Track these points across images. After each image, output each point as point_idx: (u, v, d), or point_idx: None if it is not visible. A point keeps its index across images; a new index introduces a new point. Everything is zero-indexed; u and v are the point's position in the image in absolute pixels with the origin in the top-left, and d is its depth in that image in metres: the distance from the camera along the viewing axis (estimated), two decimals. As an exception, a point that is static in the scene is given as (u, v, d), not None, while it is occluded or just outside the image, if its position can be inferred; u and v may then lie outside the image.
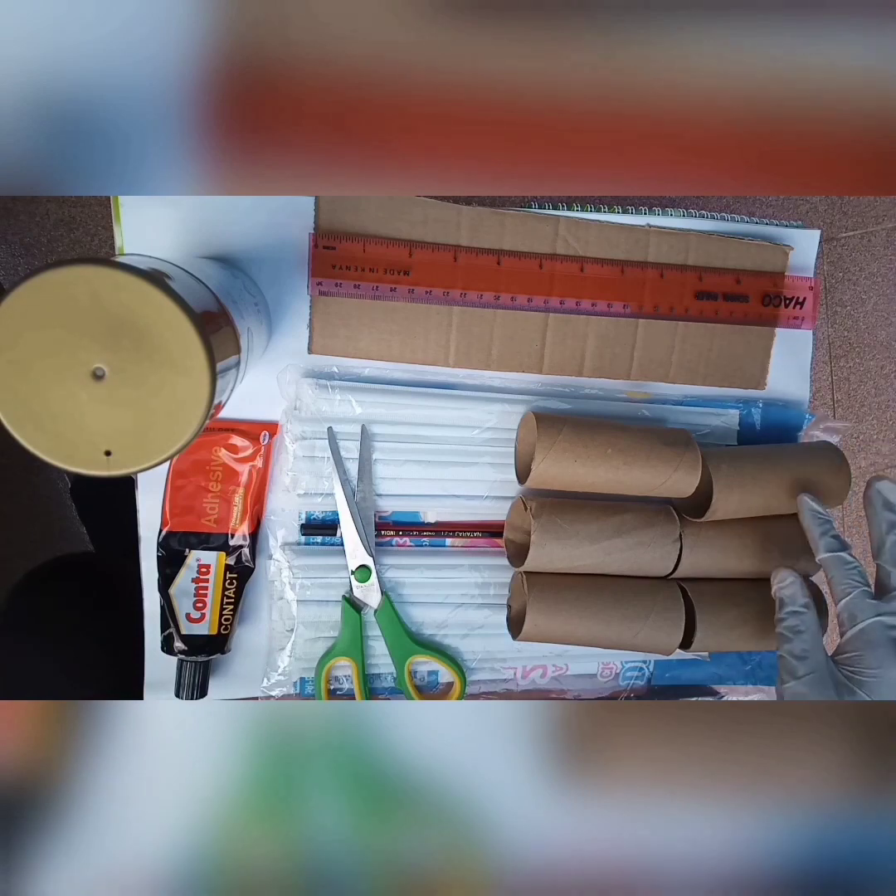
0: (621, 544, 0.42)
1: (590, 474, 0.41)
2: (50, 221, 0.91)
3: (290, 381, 0.42)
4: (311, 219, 0.41)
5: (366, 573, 0.43)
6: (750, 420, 0.48)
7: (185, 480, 0.41)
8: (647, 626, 0.42)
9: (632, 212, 0.45)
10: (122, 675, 0.45)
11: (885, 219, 1.22)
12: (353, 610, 0.43)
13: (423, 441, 0.44)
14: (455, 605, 0.45)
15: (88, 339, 0.26)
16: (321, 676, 0.43)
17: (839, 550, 0.39)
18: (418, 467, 0.44)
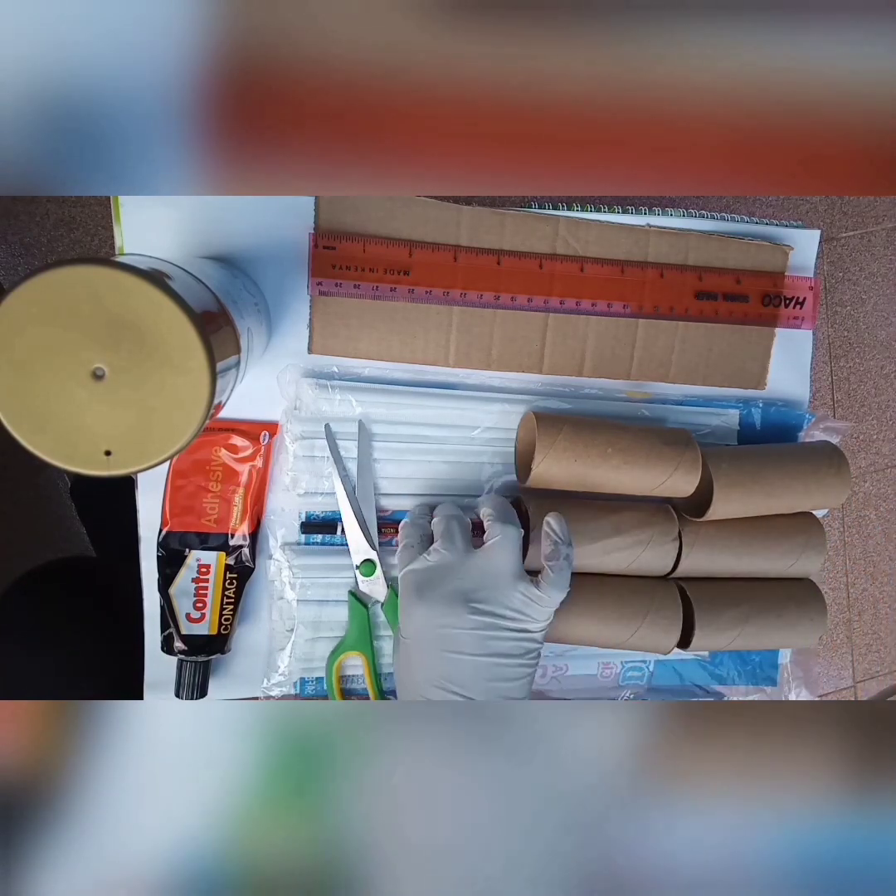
0: (620, 543, 0.42)
1: (590, 474, 0.41)
2: (50, 221, 0.91)
3: (290, 380, 0.42)
4: (311, 219, 0.41)
5: (371, 567, 0.43)
6: (750, 420, 0.48)
7: (185, 480, 0.41)
8: (644, 625, 0.42)
9: (632, 212, 0.45)
10: (122, 676, 0.45)
11: (885, 219, 1.22)
12: (360, 605, 0.43)
13: (423, 441, 0.44)
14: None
15: (88, 338, 0.26)
16: (332, 674, 0.43)
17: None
18: (418, 467, 0.44)
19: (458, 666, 0.36)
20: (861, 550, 1.29)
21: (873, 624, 1.31)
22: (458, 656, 0.36)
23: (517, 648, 0.36)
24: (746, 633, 0.44)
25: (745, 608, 0.44)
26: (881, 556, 1.29)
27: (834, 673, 1.30)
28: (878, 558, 1.29)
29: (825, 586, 0.46)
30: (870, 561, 1.29)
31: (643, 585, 0.43)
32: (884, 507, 1.28)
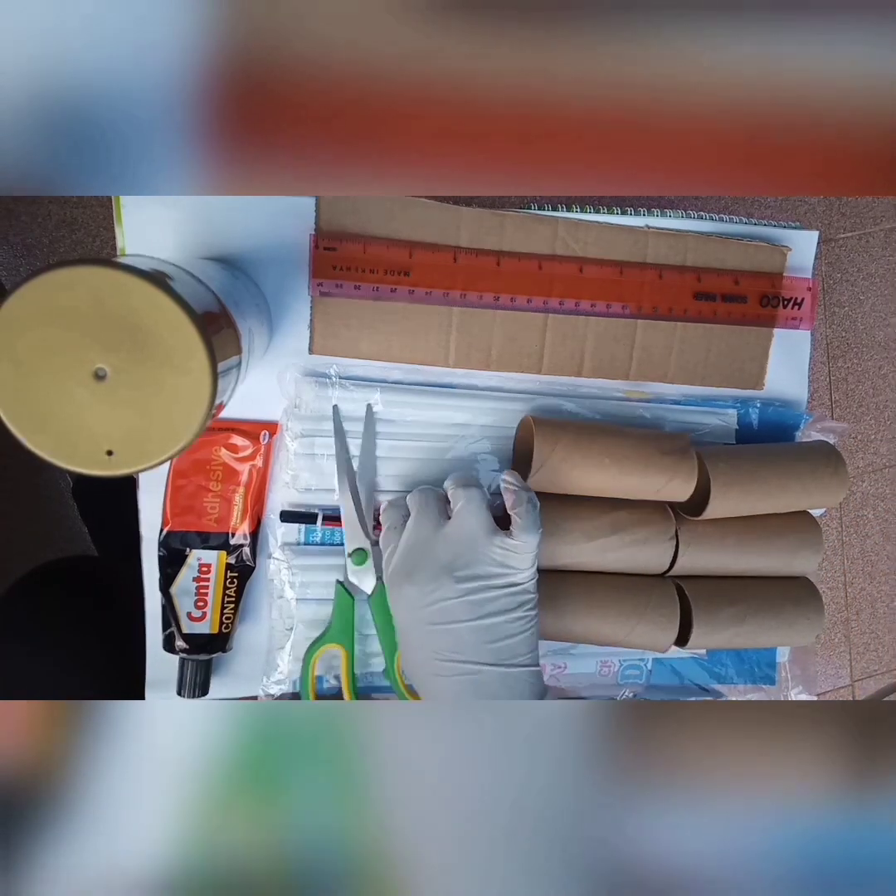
0: (617, 542, 0.42)
1: (586, 482, 0.42)
2: (52, 222, 0.91)
3: (291, 379, 0.42)
4: (311, 220, 0.42)
5: (362, 556, 0.42)
6: (748, 420, 0.48)
7: (186, 480, 0.41)
8: (642, 623, 0.42)
9: (631, 213, 0.45)
10: (124, 675, 0.45)
11: (883, 220, 1.22)
12: (347, 595, 0.43)
13: (423, 440, 0.44)
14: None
15: (90, 339, 0.26)
16: (309, 667, 0.42)
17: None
18: (417, 465, 0.44)
19: (457, 635, 0.37)
20: (859, 550, 1.29)
21: (871, 623, 1.31)
22: (455, 626, 0.37)
23: (510, 603, 0.37)
24: (744, 632, 0.44)
25: (743, 606, 0.44)
26: (879, 556, 1.30)
27: (831, 672, 1.31)
28: (875, 558, 1.30)
29: (823, 586, 0.46)
30: (868, 560, 1.29)
31: (641, 583, 0.44)
32: (882, 507, 1.29)
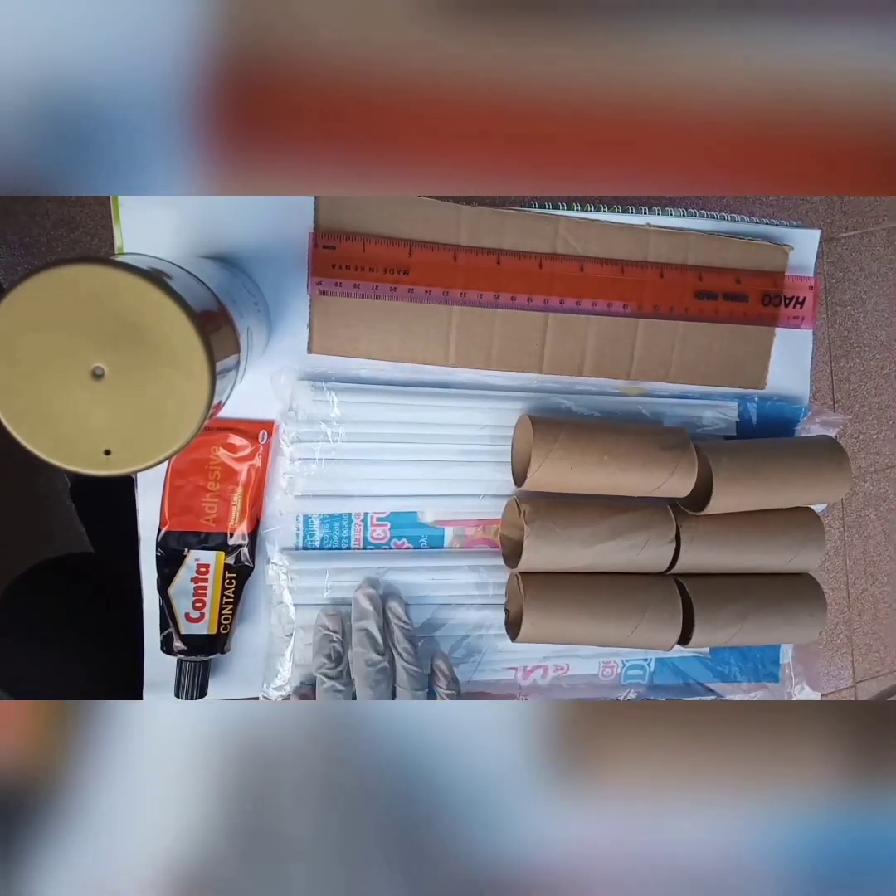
0: (616, 547, 0.42)
1: (586, 480, 0.41)
2: (50, 221, 0.91)
3: (285, 383, 0.42)
4: (310, 218, 0.41)
5: None
6: (747, 414, 0.48)
7: (184, 480, 0.41)
8: (643, 622, 0.42)
9: (632, 211, 0.45)
10: (122, 675, 0.45)
11: (886, 219, 1.22)
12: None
13: (421, 440, 0.44)
14: (454, 606, 0.45)
15: (88, 338, 0.25)
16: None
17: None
18: (416, 467, 0.44)
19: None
20: (861, 550, 1.29)
21: (873, 624, 1.31)
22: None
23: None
24: (746, 629, 0.43)
25: (745, 604, 0.44)
26: (881, 556, 1.29)
27: (834, 673, 1.30)
28: (878, 558, 1.29)
29: (825, 586, 0.46)
30: (870, 561, 1.29)
31: (642, 582, 0.43)
32: (884, 507, 1.28)
